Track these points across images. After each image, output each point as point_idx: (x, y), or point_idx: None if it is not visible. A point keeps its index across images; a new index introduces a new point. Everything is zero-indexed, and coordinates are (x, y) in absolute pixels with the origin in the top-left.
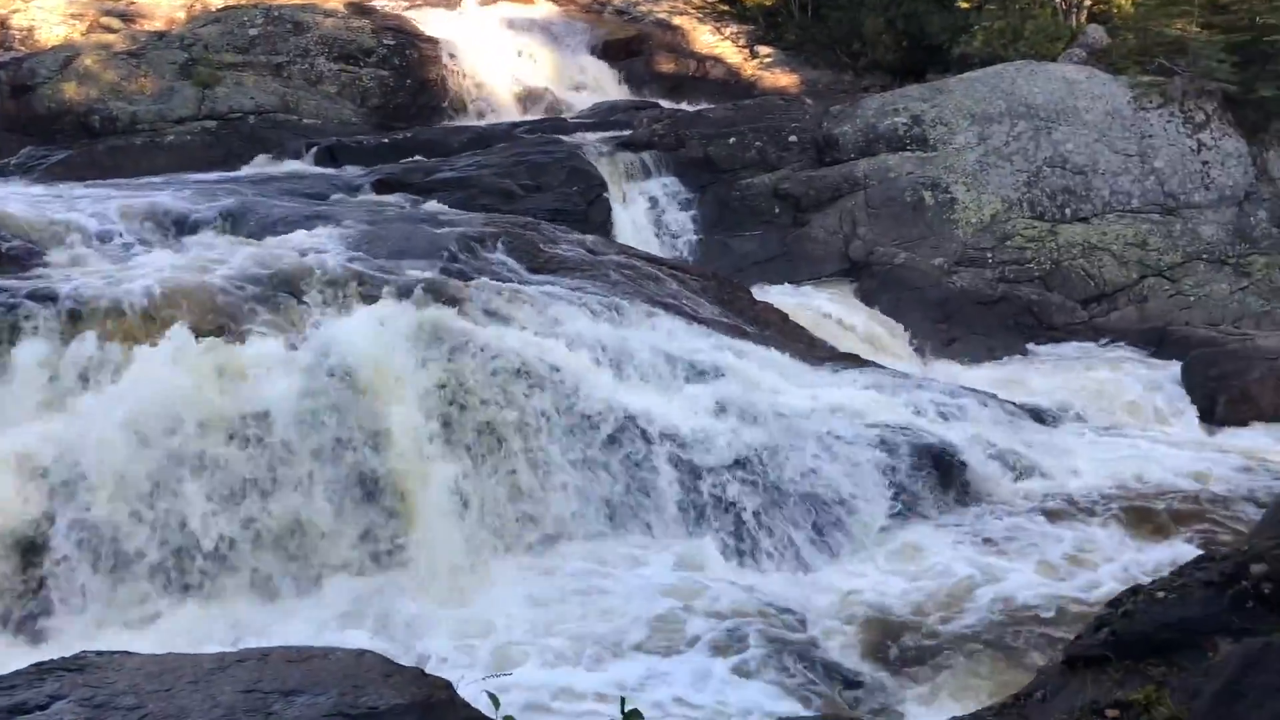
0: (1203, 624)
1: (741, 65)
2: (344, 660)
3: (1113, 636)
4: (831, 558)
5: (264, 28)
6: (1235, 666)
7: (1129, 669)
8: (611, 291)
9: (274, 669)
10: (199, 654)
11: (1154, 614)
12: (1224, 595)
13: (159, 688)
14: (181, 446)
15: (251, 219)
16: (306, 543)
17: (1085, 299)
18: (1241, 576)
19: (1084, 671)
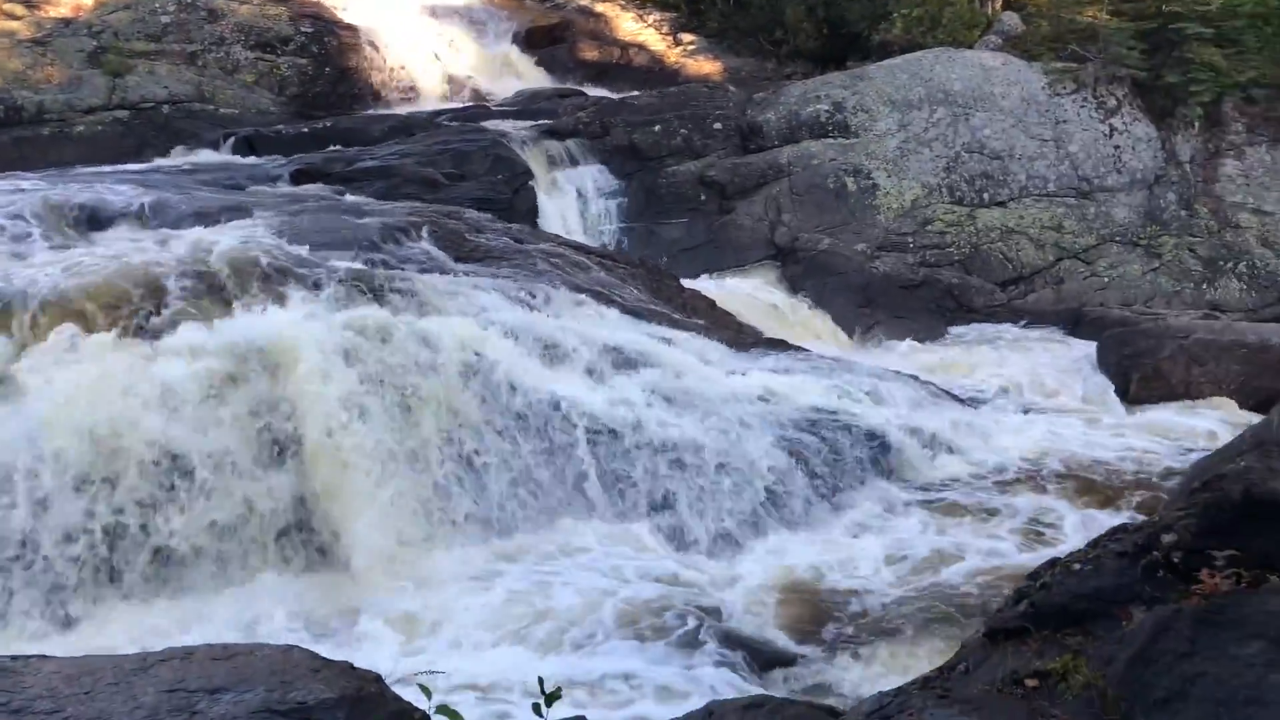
0: (1116, 594)
1: (665, 53)
2: (271, 656)
3: (1031, 608)
4: (761, 539)
5: (177, 15)
6: (1147, 634)
7: (1047, 639)
8: (538, 280)
9: (198, 667)
10: (119, 655)
11: (1070, 585)
12: (1136, 565)
13: (78, 690)
14: (93, 444)
15: (166, 211)
16: (228, 540)
17: (1004, 281)
18: (1153, 547)
19: (1004, 643)
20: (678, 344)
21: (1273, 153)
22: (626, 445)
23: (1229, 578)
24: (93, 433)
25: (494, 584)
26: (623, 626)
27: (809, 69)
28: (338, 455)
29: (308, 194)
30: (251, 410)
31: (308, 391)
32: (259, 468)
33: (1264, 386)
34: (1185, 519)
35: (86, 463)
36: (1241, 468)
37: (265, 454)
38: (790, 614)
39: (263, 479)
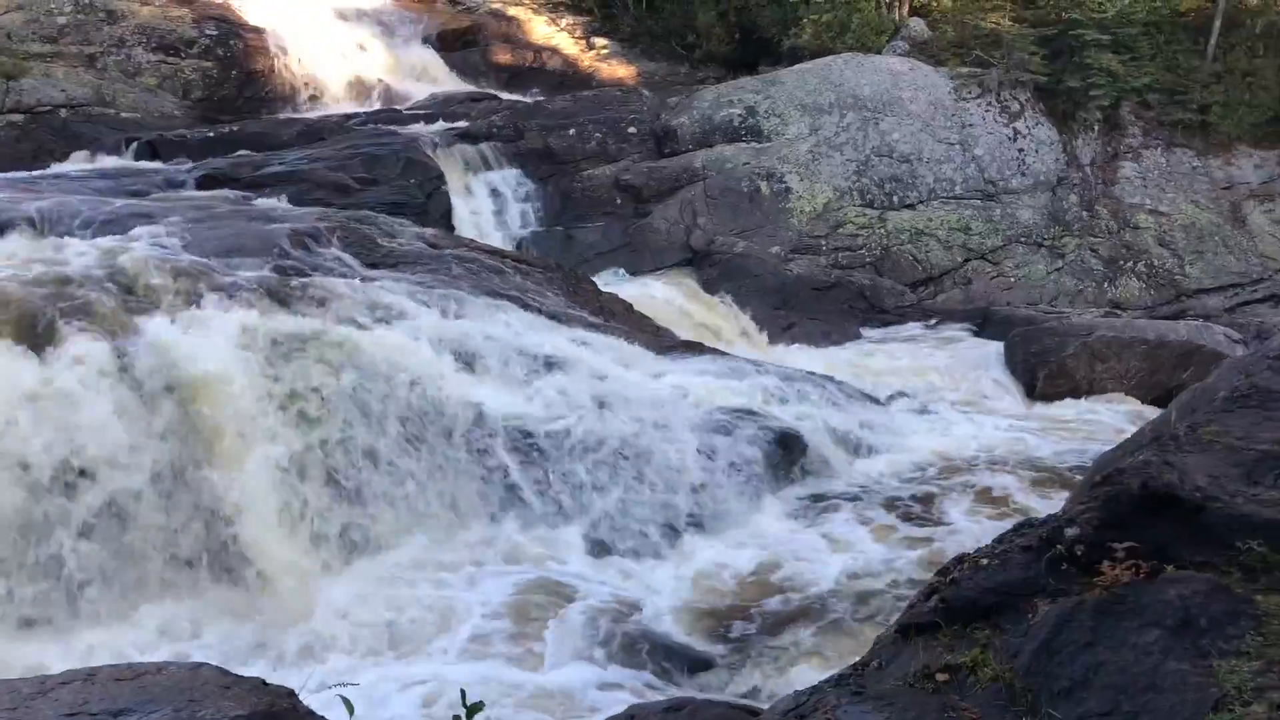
0: (1022, 587)
1: (579, 56)
2: (178, 675)
3: (942, 604)
4: (682, 541)
5: (74, 16)
6: (1050, 626)
7: (957, 634)
8: (454, 285)
9: (102, 689)
10: (16, 679)
11: (978, 580)
12: (1041, 559)
13: None
14: None
15: (66, 219)
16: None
17: (914, 282)
18: (1056, 541)
19: (916, 638)
20: (596, 347)
21: (1168, 155)
22: (545, 450)
23: (1128, 569)
24: None
25: (410, 592)
26: (543, 633)
27: (722, 73)
28: (244, 469)
29: (214, 200)
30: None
31: (215, 404)
32: (164, 483)
33: (1163, 381)
34: (1086, 513)
35: None
36: (1139, 462)
37: (171, 469)
38: (710, 616)
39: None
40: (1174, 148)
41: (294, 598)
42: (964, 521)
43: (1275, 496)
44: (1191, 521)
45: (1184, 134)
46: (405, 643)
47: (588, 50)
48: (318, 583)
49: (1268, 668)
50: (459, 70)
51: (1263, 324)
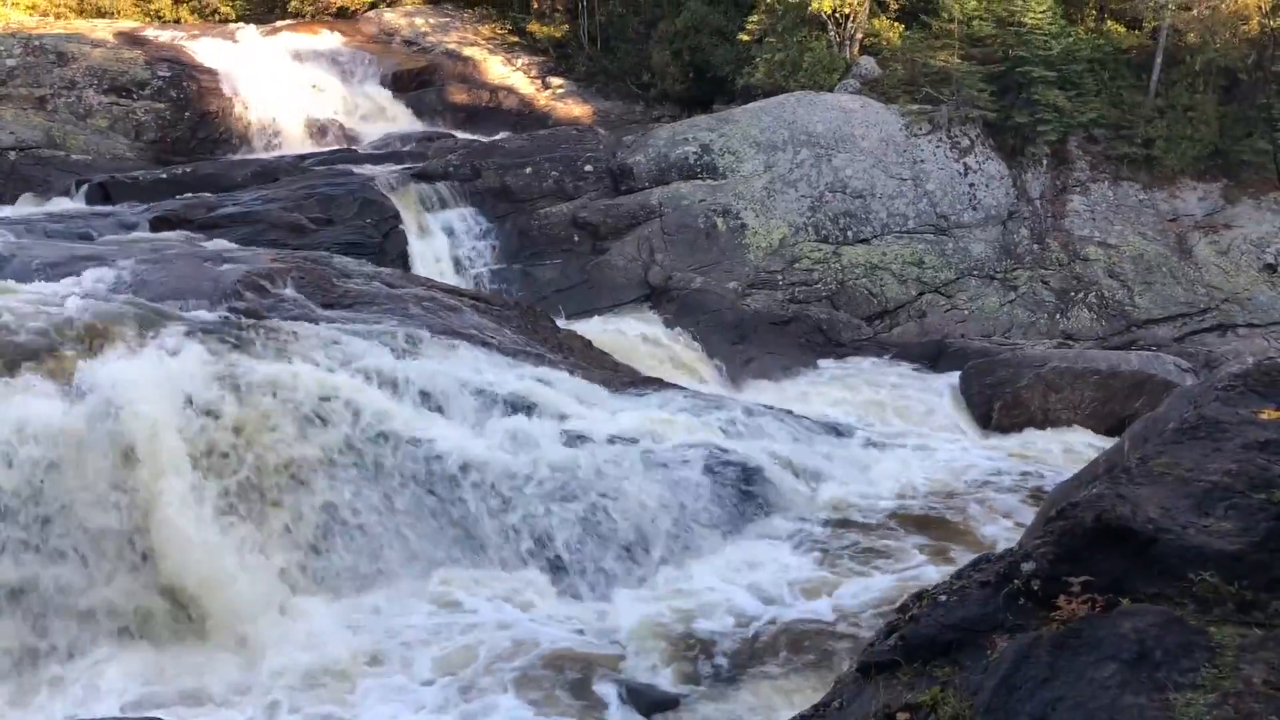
0: (981, 623)
1: (535, 96)
2: None
3: (901, 641)
4: (643, 579)
5: (23, 58)
6: (1009, 661)
7: (918, 671)
8: (410, 324)
9: None
10: None
11: (937, 616)
12: (999, 594)
13: None
14: None
15: (14, 262)
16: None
17: (870, 316)
18: (1013, 576)
19: (877, 677)
20: (555, 385)
21: (1115, 189)
22: (505, 490)
23: (1084, 602)
24: None
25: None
26: (506, 676)
27: (677, 112)
28: (190, 517)
29: (167, 241)
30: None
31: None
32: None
33: (1116, 411)
34: (1042, 547)
35: None
36: (1093, 495)
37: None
38: (673, 655)
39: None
40: (1120, 181)
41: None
42: (922, 555)
43: (1225, 528)
44: (1145, 554)
45: (1130, 168)
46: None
47: (544, 90)
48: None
49: (1223, 700)
50: (415, 110)
51: (1211, 353)
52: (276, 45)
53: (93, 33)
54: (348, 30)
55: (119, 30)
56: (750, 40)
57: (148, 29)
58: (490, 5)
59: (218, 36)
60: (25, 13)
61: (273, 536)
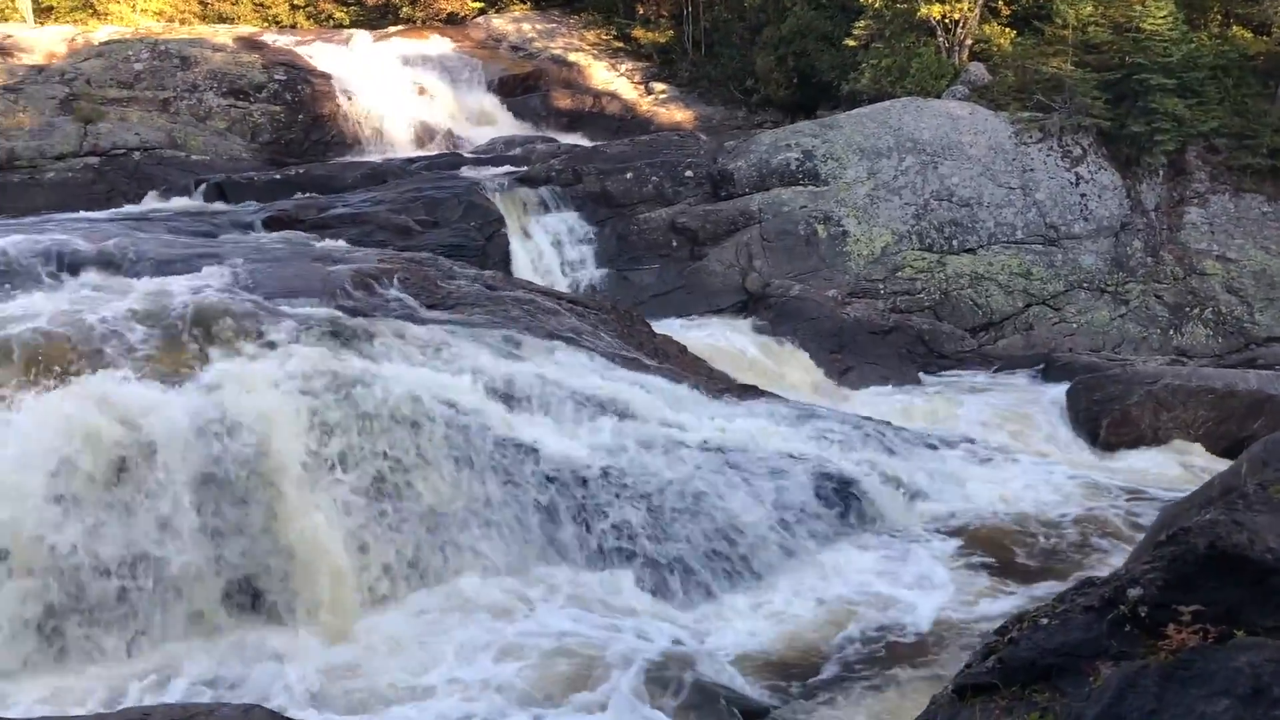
0: (1083, 649)
1: (637, 101)
2: (230, 716)
3: (999, 664)
4: (735, 588)
5: (149, 62)
6: (1114, 691)
7: (1016, 695)
8: (510, 326)
9: None
10: (73, 716)
11: (1038, 640)
12: (1103, 620)
13: None
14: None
15: (136, 258)
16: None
17: (974, 327)
18: (1119, 601)
19: (973, 700)
20: (650, 390)
21: (1235, 200)
22: (599, 492)
23: (1195, 632)
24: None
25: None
26: (599, 676)
27: (779, 118)
28: (301, 508)
29: (280, 241)
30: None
31: (273, 440)
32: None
33: (1232, 431)
34: (1151, 572)
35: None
36: (1207, 520)
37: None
38: (765, 664)
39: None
40: (1243, 193)
41: (346, 635)
42: (1021, 574)
43: None
44: (1262, 584)
45: (1253, 179)
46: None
47: (646, 95)
48: (370, 620)
49: None
50: (519, 115)
51: None
52: (387, 50)
53: (214, 37)
54: (456, 36)
55: (238, 35)
56: (857, 46)
57: (266, 34)
58: (596, 11)
59: (331, 42)
60: (153, 18)
61: (375, 531)
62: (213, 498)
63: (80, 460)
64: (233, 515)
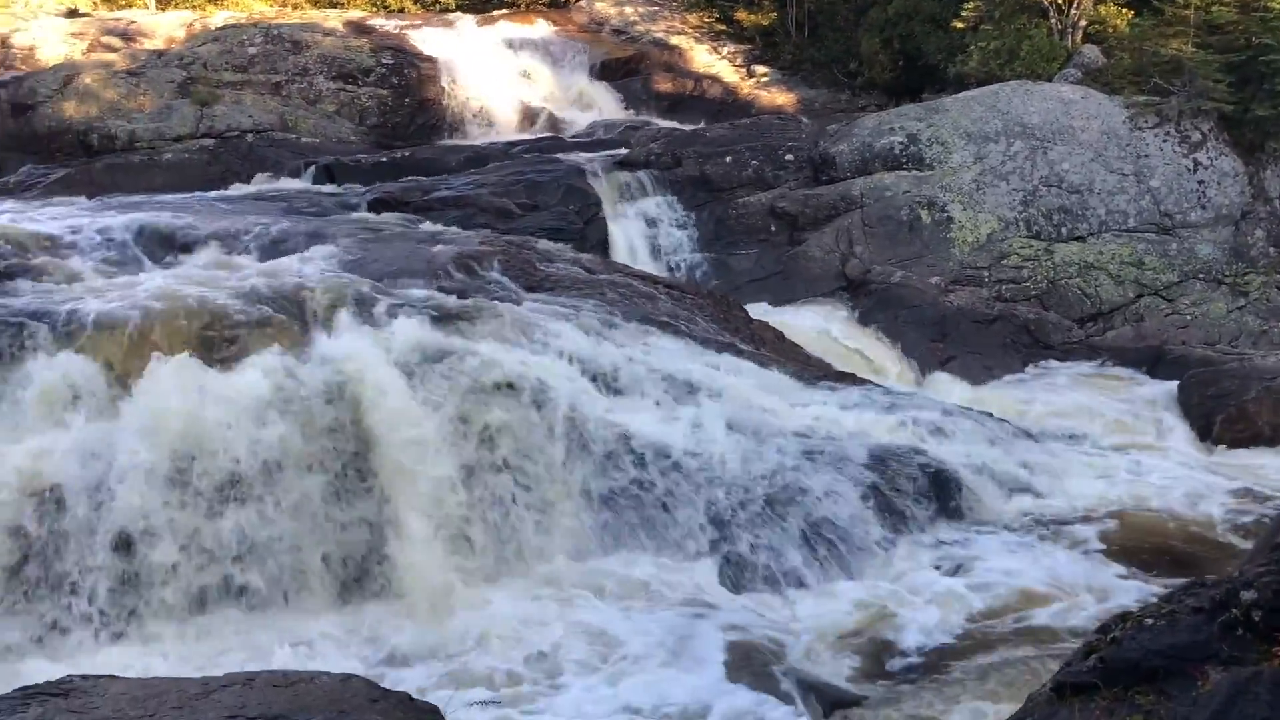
0: (1191, 651)
1: (739, 84)
2: (330, 685)
3: (1101, 664)
4: (828, 577)
5: (263, 46)
6: (1223, 696)
7: (1117, 697)
8: (606, 309)
9: (259, 694)
10: (183, 679)
11: (1142, 641)
12: (1213, 622)
13: (143, 713)
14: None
15: (248, 238)
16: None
17: (1082, 318)
18: (1231, 604)
19: (1072, 699)
20: (745, 375)
21: None
22: (691, 477)
23: None
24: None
25: (558, 614)
26: (687, 661)
27: (883, 100)
28: (398, 482)
29: (385, 222)
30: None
31: (376, 418)
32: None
33: None
34: (1266, 575)
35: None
36: None
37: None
38: (851, 655)
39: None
40: None
41: (442, 612)
42: (1126, 573)
43: None
44: None
45: None
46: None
47: (748, 78)
48: (465, 598)
49: None
50: (620, 98)
51: None
52: (492, 34)
53: (325, 22)
54: (560, 19)
55: (348, 20)
56: (965, 28)
57: (374, 18)
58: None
59: (438, 26)
60: (266, 3)
61: (474, 508)
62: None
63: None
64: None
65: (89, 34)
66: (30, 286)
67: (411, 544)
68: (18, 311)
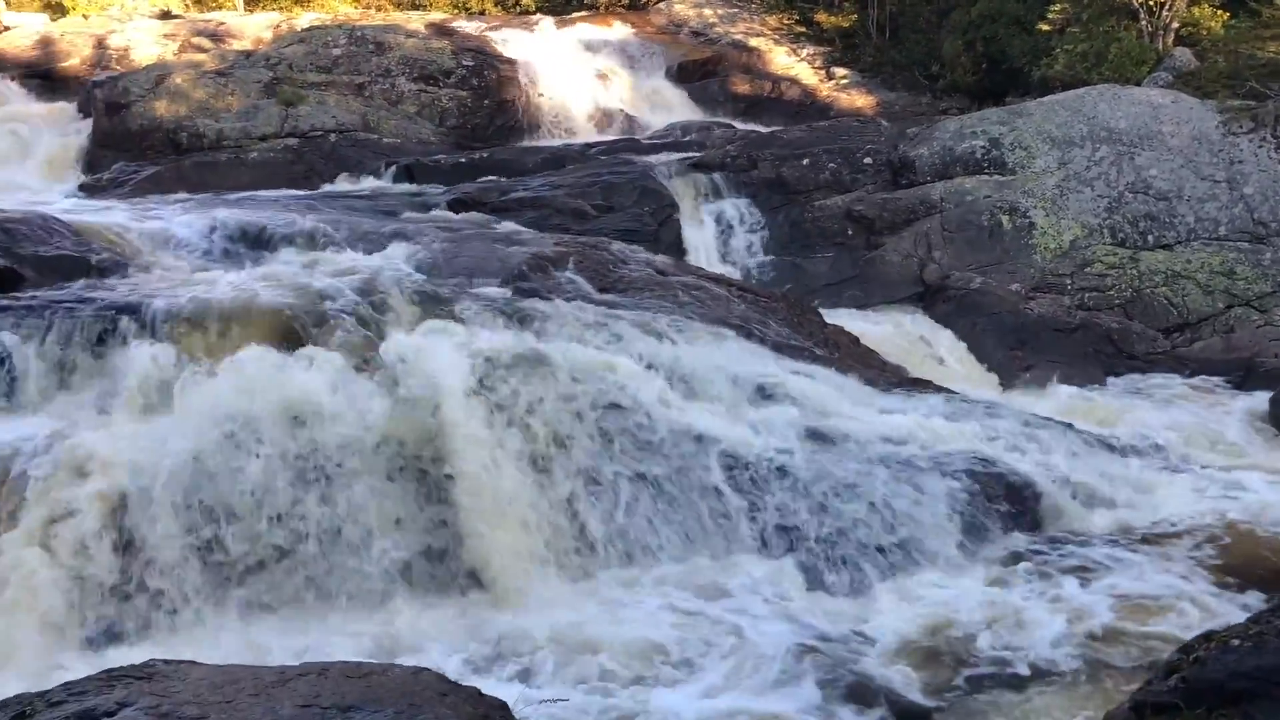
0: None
1: (817, 87)
2: (401, 678)
3: (1183, 684)
4: (899, 585)
5: (347, 48)
6: None
7: (1200, 718)
8: (679, 312)
9: (333, 684)
10: (260, 666)
11: (1227, 662)
12: None
13: (221, 699)
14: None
15: (331, 236)
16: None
17: (1167, 328)
18: None
19: (1151, 719)
20: (818, 380)
21: None
22: (763, 481)
23: None
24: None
25: (627, 618)
26: (759, 666)
27: (965, 104)
28: (479, 482)
29: (463, 222)
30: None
31: (451, 417)
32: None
33: None
34: None
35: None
36: None
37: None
38: (925, 665)
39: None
40: None
41: (513, 610)
42: (1212, 593)
43: None
44: None
45: None
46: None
47: (827, 80)
48: (538, 597)
49: None
50: (697, 100)
51: None
52: (570, 36)
53: (407, 24)
54: (638, 21)
55: (430, 21)
56: (1051, 30)
57: (456, 20)
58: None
59: (518, 28)
60: (351, 5)
61: (547, 509)
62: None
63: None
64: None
65: (180, 35)
66: (123, 281)
67: (487, 542)
68: (112, 304)
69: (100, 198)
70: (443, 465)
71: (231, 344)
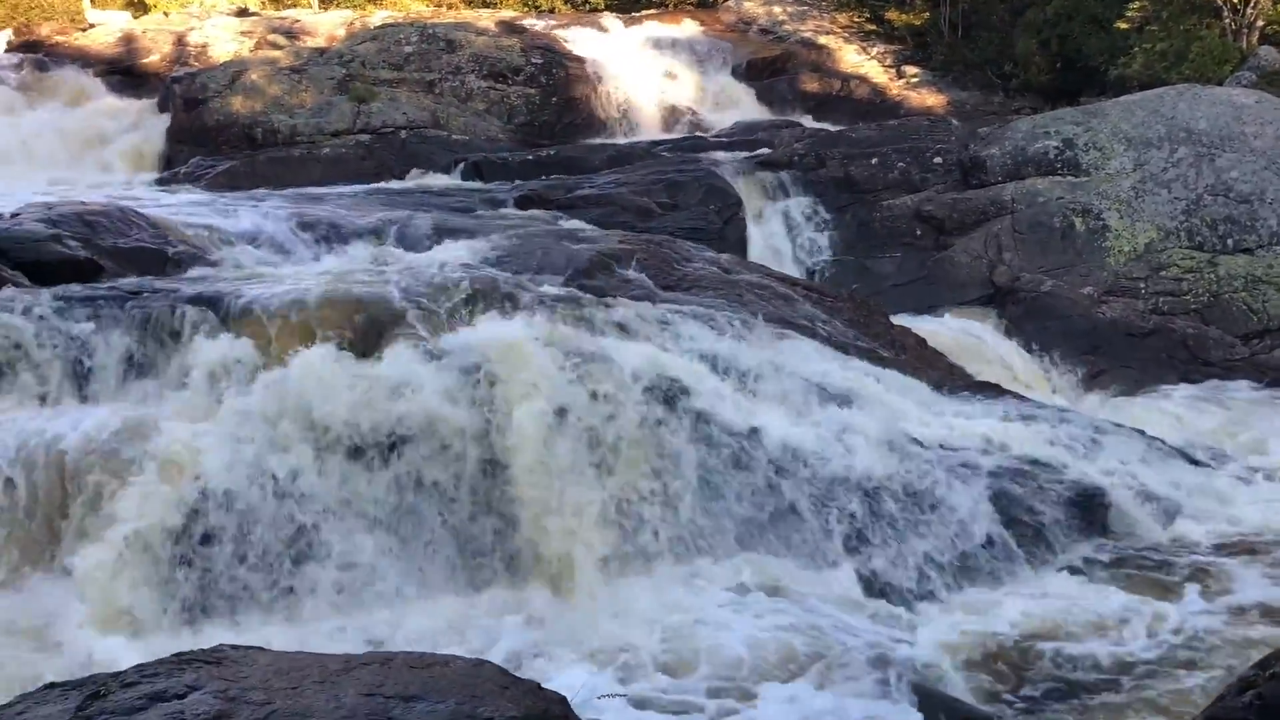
0: None
1: (887, 85)
2: (463, 669)
3: (1259, 700)
4: (960, 592)
5: (418, 45)
6: None
7: None
8: (743, 311)
9: (396, 674)
10: (326, 655)
11: None
12: None
13: (287, 685)
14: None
15: (401, 231)
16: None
17: (1246, 334)
18: None
19: None
20: (883, 382)
21: None
22: (825, 482)
23: None
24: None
25: (683, 615)
26: (813, 670)
27: (1038, 104)
28: (541, 476)
29: (530, 219)
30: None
31: (515, 411)
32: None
33: None
34: None
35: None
36: None
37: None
38: (990, 673)
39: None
40: None
41: (571, 604)
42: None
43: None
44: None
45: None
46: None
47: (897, 79)
48: (595, 591)
49: None
50: (765, 98)
51: None
52: (639, 34)
53: (478, 21)
54: (707, 19)
55: (500, 19)
56: (1129, 29)
57: (526, 18)
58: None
59: (586, 25)
60: (423, 3)
61: (610, 504)
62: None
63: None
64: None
65: (256, 32)
66: (200, 273)
67: (548, 535)
68: (186, 297)
69: (177, 192)
70: (505, 456)
71: (305, 337)
